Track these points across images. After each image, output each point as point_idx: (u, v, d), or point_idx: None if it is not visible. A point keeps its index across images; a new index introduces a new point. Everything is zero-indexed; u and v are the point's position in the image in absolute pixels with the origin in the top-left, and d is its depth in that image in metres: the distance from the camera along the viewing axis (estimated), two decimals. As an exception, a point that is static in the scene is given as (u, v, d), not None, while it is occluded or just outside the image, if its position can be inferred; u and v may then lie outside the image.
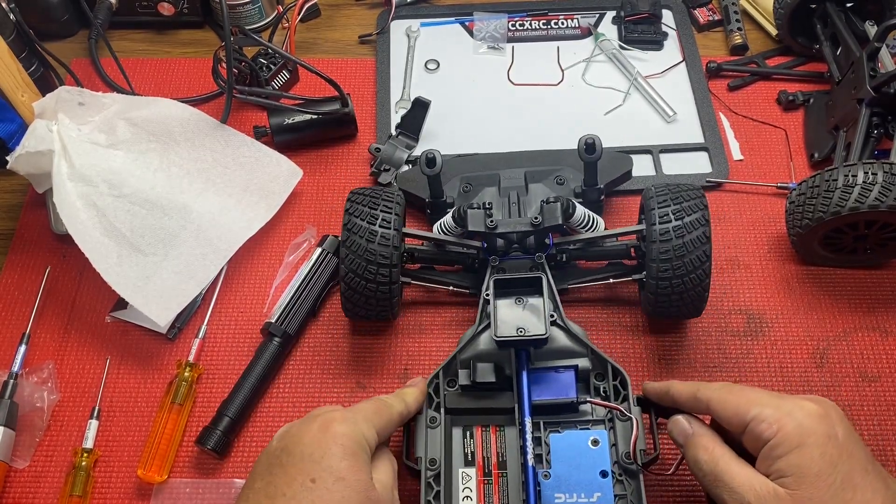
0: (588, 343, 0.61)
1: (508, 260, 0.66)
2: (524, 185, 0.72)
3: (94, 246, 0.68)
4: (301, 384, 0.69)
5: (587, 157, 0.66)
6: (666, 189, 0.64)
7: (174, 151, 0.74)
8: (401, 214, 0.64)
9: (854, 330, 0.70)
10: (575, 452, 0.56)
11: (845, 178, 0.64)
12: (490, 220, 0.64)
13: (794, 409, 0.48)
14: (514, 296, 0.61)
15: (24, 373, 0.68)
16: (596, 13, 0.92)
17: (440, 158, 0.66)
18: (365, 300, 0.64)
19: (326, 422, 0.50)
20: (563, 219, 0.64)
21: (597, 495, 0.54)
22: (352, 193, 0.65)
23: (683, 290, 0.62)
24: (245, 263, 0.74)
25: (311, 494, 0.47)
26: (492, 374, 0.59)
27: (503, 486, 0.57)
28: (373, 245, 0.62)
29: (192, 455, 0.65)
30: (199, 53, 0.90)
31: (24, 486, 0.64)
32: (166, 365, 0.69)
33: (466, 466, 0.58)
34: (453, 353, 0.61)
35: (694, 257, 0.61)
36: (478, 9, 0.92)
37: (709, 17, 0.91)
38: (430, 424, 0.58)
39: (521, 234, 0.65)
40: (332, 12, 0.94)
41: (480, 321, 0.63)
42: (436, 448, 0.57)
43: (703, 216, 0.61)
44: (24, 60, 0.79)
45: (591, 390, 0.61)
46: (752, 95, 0.85)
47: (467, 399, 0.60)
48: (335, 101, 0.80)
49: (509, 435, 0.59)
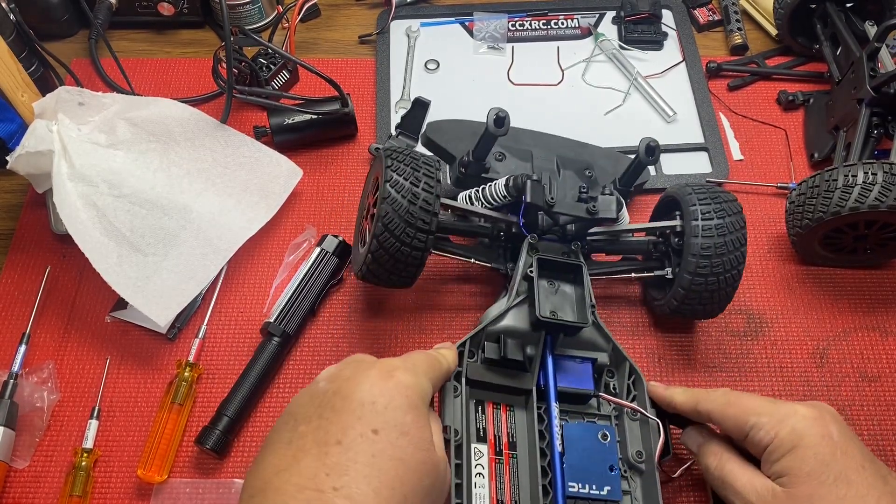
0: (612, 340, 0.61)
1: (545, 241, 0.65)
2: (556, 169, 0.70)
3: (94, 246, 0.68)
4: (300, 384, 0.69)
5: (646, 160, 0.66)
6: (703, 188, 0.65)
7: (174, 151, 0.74)
8: (441, 181, 0.62)
9: (854, 330, 0.70)
10: (587, 444, 0.56)
11: (845, 178, 0.64)
12: (550, 195, 0.63)
13: (788, 414, 0.51)
14: (548, 279, 0.61)
15: (24, 373, 0.68)
16: (596, 13, 0.92)
17: (509, 120, 0.63)
18: (394, 263, 0.61)
19: (388, 369, 0.46)
20: (616, 213, 0.63)
21: (607, 489, 0.54)
22: (388, 150, 0.62)
23: (712, 294, 0.63)
24: (245, 263, 0.74)
25: (373, 447, 0.42)
26: (520, 351, 0.58)
27: (514, 468, 0.56)
28: (415, 207, 0.59)
29: (192, 455, 0.65)
30: (199, 53, 0.90)
31: (24, 486, 0.64)
32: (166, 365, 0.69)
33: (479, 442, 0.56)
34: (483, 325, 0.59)
35: (730, 263, 0.62)
36: (478, 9, 0.92)
37: (709, 17, 0.91)
38: (453, 393, 0.55)
39: (570, 219, 0.65)
40: (332, 12, 0.94)
41: (513, 297, 0.60)
42: (457, 418, 0.54)
43: (741, 219, 0.63)
44: (24, 60, 0.79)
45: (601, 385, 0.60)
46: (752, 95, 0.85)
47: (488, 373, 0.58)
48: (335, 101, 0.80)
49: (519, 417, 0.58)
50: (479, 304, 0.71)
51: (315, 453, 0.42)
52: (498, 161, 0.70)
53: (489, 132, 0.63)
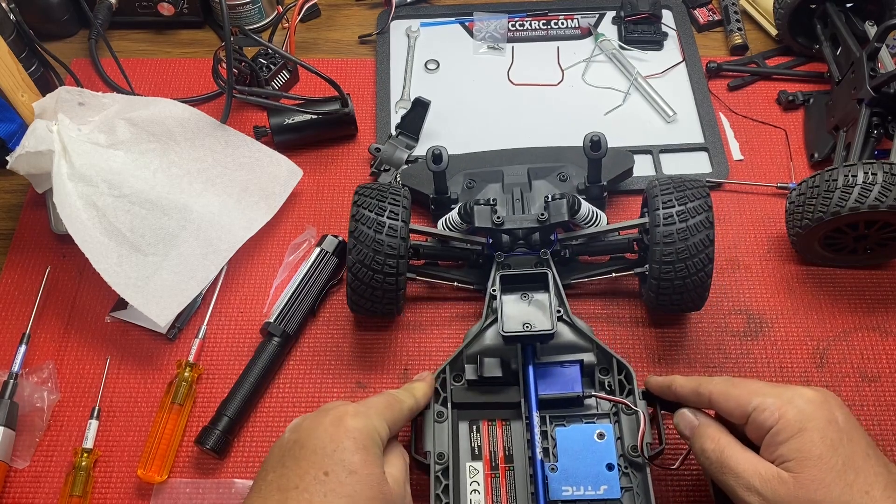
0: (593, 338, 0.62)
1: (514, 256, 0.66)
2: (527, 182, 0.72)
3: (94, 246, 0.68)
4: (300, 384, 0.69)
5: (592, 155, 0.66)
6: (668, 180, 0.65)
7: (174, 151, 0.74)
8: (408, 207, 0.65)
9: (854, 330, 0.70)
10: (581, 446, 0.57)
11: (845, 178, 0.64)
12: (497, 216, 0.64)
13: (794, 396, 0.50)
14: (520, 291, 0.62)
15: (24, 373, 0.68)
16: (596, 13, 0.92)
17: (446, 155, 0.67)
18: (371, 292, 0.64)
19: (339, 415, 0.50)
20: (568, 215, 0.64)
21: (603, 488, 0.55)
22: (360, 187, 0.66)
23: (685, 283, 0.62)
24: (245, 263, 0.74)
25: (324, 487, 0.47)
26: (498, 368, 0.60)
27: (510, 480, 0.58)
28: (381, 236, 0.62)
29: (192, 455, 0.65)
30: (199, 53, 0.90)
31: (24, 486, 0.64)
32: (166, 365, 0.69)
33: (473, 460, 0.59)
34: (460, 349, 0.62)
35: (696, 247, 0.61)
36: (478, 9, 0.92)
37: (709, 17, 0.91)
38: (437, 419, 0.59)
39: (526, 231, 0.66)
40: (332, 12, 0.94)
41: (486, 316, 0.63)
42: (443, 442, 0.57)
43: (706, 203, 0.62)
44: (24, 60, 0.79)
45: (597, 385, 0.61)
46: (752, 95, 0.85)
47: (473, 394, 0.61)
48: (335, 101, 0.80)
49: (515, 429, 0.60)
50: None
51: (278, 498, 0.48)
52: (469, 189, 0.73)
53: (431, 171, 0.67)
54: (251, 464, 0.65)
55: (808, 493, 0.47)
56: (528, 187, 0.71)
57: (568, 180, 0.73)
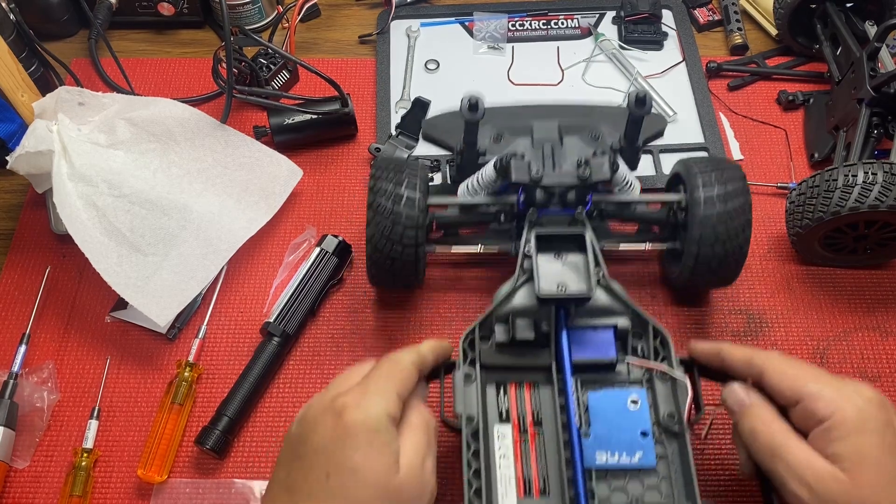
0: (629, 302, 0.59)
1: (546, 214, 0.64)
2: (558, 138, 0.68)
3: (94, 246, 0.68)
4: (300, 384, 0.69)
5: (636, 112, 0.64)
6: (705, 160, 0.65)
7: (174, 151, 0.74)
8: (426, 179, 0.64)
9: (854, 330, 0.70)
10: (614, 412, 0.54)
11: (845, 178, 0.64)
12: (535, 171, 0.62)
13: (854, 393, 0.48)
14: (553, 251, 0.59)
15: (24, 373, 0.68)
16: (596, 13, 0.92)
17: (483, 104, 0.63)
18: (391, 264, 0.63)
19: (339, 409, 0.48)
20: (610, 174, 0.62)
21: (638, 455, 0.53)
22: (376, 160, 0.65)
23: (721, 263, 0.63)
24: (245, 263, 0.74)
25: (326, 490, 0.46)
26: (531, 330, 0.57)
27: (540, 445, 0.55)
28: (399, 207, 0.61)
29: (192, 455, 0.65)
30: (199, 53, 0.90)
31: (24, 486, 0.64)
32: (166, 365, 0.69)
33: (501, 424, 0.56)
34: (490, 309, 0.58)
35: (737, 223, 0.62)
36: (478, 9, 0.92)
37: (709, 17, 0.91)
38: (466, 381, 0.55)
39: (564, 188, 0.63)
40: (332, 12, 0.94)
41: (517, 277, 0.60)
42: (472, 405, 0.54)
43: (744, 186, 0.63)
44: (24, 60, 0.79)
45: (629, 350, 0.58)
46: (752, 95, 0.85)
47: (502, 356, 0.58)
48: (335, 101, 0.80)
49: (543, 393, 0.57)
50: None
51: (286, 499, 0.47)
52: (496, 143, 0.70)
53: (466, 120, 0.64)
54: (251, 464, 0.65)
55: (863, 495, 0.45)
56: (559, 144, 0.68)
57: (600, 139, 0.69)
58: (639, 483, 0.52)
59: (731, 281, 0.66)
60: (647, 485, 0.52)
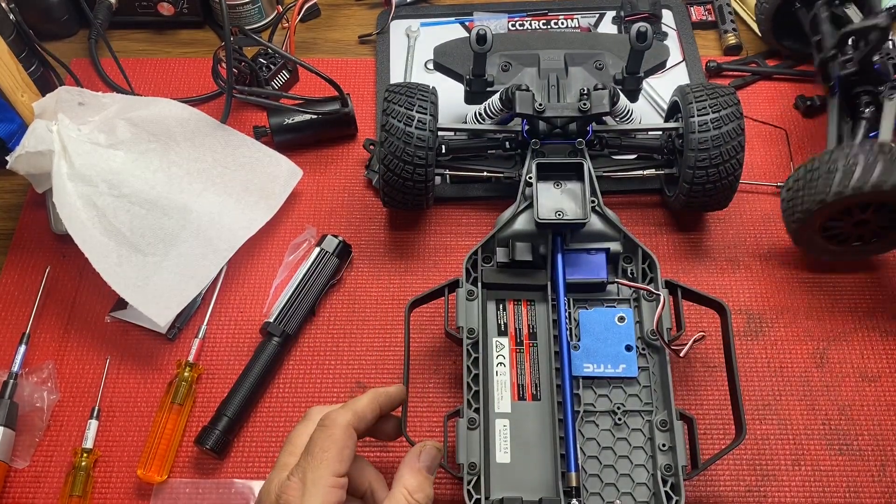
0: (622, 228, 0.64)
1: (548, 144, 0.68)
2: (564, 68, 0.73)
3: (94, 246, 0.68)
4: (300, 384, 0.69)
5: (638, 46, 0.68)
6: (700, 87, 0.69)
7: (174, 151, 0.74)
8: (436, 103, 0.69)
9: (854, 330, 0.70)
10: (602, 327, 0.61)
11: (826, 165, 0.63)
12: (539, 103, 0.66)
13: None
14: (554, 179, 0.64)
15: (24, 373, 0.68)
16: (596, 13, 0.92)
17: (491, 37, 0.67)
18: (402, 183, 0.68)
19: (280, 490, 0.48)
20: (609, 106, 0.66)
21: (622, 366, 0.59)
22: (390, 85, 0.69)
23: (716, 186, 0.67)
24: (245, 263, 0.74)
25: None
26: (529, 252, 0.62)
27: (534, 355, 0.61)
28: (410, 128, 0.66)
29: (192, 455, 0.65)
30: (199, 53, 0.90)
31: (24, 486, 0.64)
32: (166, 365, 0.69)
33: (500, 336, 0.62)
34: (492, 232, 0.64)
35: (728, 153, 0.66)
36: (478, 9, 0.92)
37: (702, 16, 0.91)
38: (468, 297, 0.61)
39: (566, 119, 0.67)
40: (332, 12, 0.94)
41: (519, 203, 0.65)
42: (473, 319, 0.60)
43: (737, 110, 0.67)
44: (24, 60, 0.79)
45: (619, 272, 0.64)
46: (752, 95, 0.85)
47: (502, 275, 0.63)
48: (335, 101, 0.80)
49: (539, 310, 0.63)
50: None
51: None
52: (504, 71, 0.73)
53: (475, 52, 0.68)
54: (251, 464, 0.65)
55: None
56: (564, 74, 0.73)
57: (604, 69, 0.73)
58: (621, 391, 0.59)
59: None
60: (629, 393, 0.59)
